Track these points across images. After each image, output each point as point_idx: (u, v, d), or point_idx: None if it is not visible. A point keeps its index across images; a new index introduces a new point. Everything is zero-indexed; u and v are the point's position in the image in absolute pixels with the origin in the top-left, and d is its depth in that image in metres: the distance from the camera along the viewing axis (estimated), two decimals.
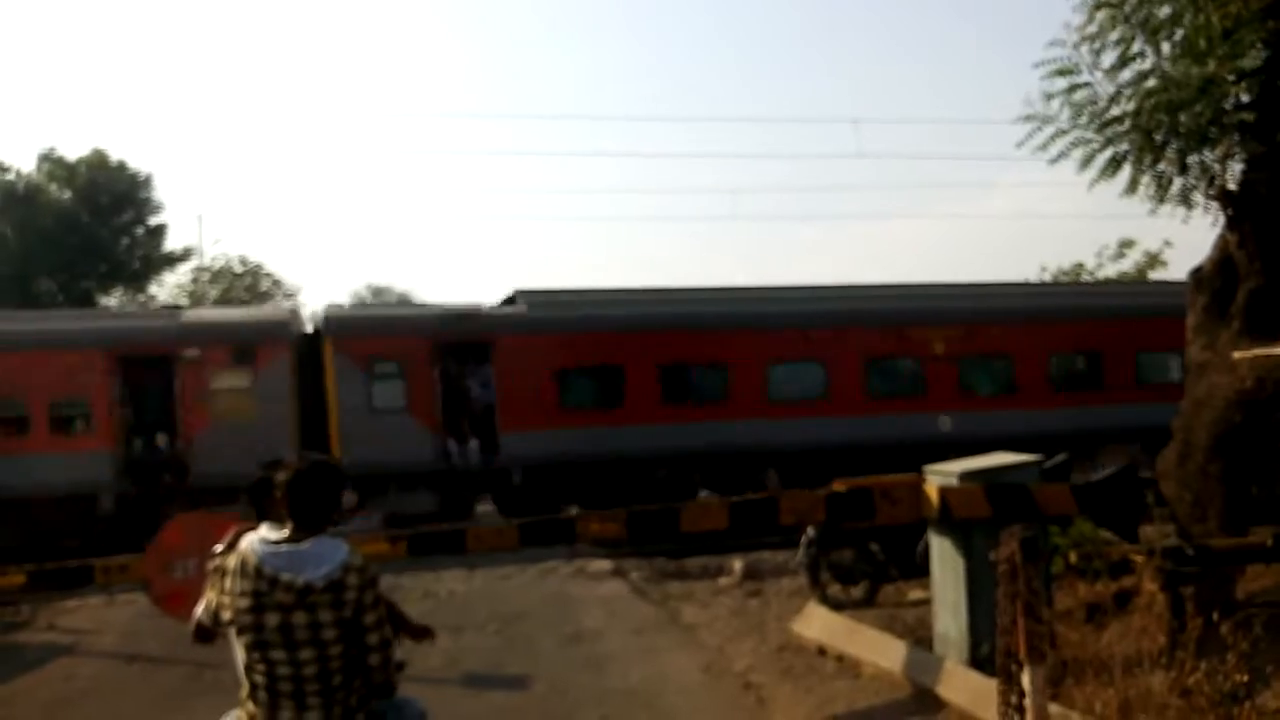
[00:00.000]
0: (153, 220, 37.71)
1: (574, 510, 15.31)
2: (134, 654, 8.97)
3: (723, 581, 11.18)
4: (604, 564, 12.21)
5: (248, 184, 72.81)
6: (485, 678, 7.73)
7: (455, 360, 17.74)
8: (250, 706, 3.37)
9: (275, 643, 3.28)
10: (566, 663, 8.13)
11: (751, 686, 7.15)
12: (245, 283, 41.41)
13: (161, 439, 16.67)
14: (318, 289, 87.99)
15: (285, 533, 3.38)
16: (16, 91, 63.32)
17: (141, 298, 37.87)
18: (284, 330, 17.59)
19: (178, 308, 18.76)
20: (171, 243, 38.51)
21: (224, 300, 38.20)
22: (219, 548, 3.57)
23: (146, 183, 37.27)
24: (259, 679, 3.33)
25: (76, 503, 15.88)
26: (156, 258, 38.10)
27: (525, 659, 8.26)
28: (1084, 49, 7.52)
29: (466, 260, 76.19)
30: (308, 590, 3.28)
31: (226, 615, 3.36)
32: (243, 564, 3.33)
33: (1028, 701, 4.62)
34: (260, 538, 3.39)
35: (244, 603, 3.29)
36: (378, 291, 49.22)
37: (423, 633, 4.01)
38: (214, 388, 16.63)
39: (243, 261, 41.34)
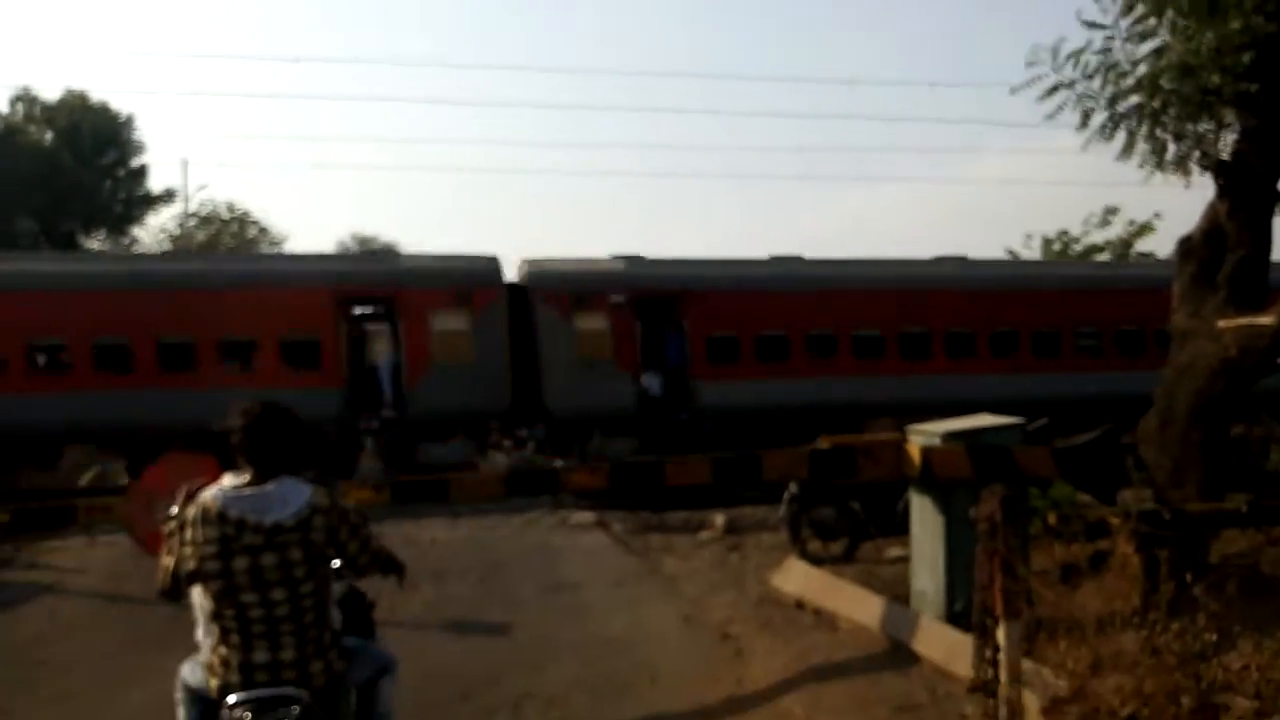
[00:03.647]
0: (135, 162, 37.29)
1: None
2: (116, 594, 8.99)
3: (703, 535, 11.27)
4: (587, 516, 12.28)
5: (233, 129, 71.92)
6: (466, 624, 7.80)
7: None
8: (222, 650, 3.39)
9: (245, 585, 3.31)
10: (547, 611, 8.20)
11: (730, 638, 7.23)
12: (232, 229, 41.08)
13: None
14: (303, 237, 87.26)
15: (246, 478, 3.39)
16: None
17: (125, 241, 37.51)
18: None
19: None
20: (154, 186, 38.14)
21: (210, 246, 37.89)
22: (174, 509, 3.54)
23: (128, 124, 36.77)
24: (230, 623, 3.36)
25: None
26: (139, 200, 37.70)
27: (506, 607, 8.32)
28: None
29: (455, 213, 75.57)
30: (277, 530, 3.31)
31: (190, 566, 3.36)
32: (204, 513, 3.34)
33: (1002, 656, 4.70)
34: (219, 486, 3.40)
35: (210, 549, 3.30)
36: (363, 241, 48.83)
37: (393, 569, 3.94)
38: None
39: (230, 208, 41.01)
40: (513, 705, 6.04)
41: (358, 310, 17.95)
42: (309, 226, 79.02)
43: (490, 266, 18.01)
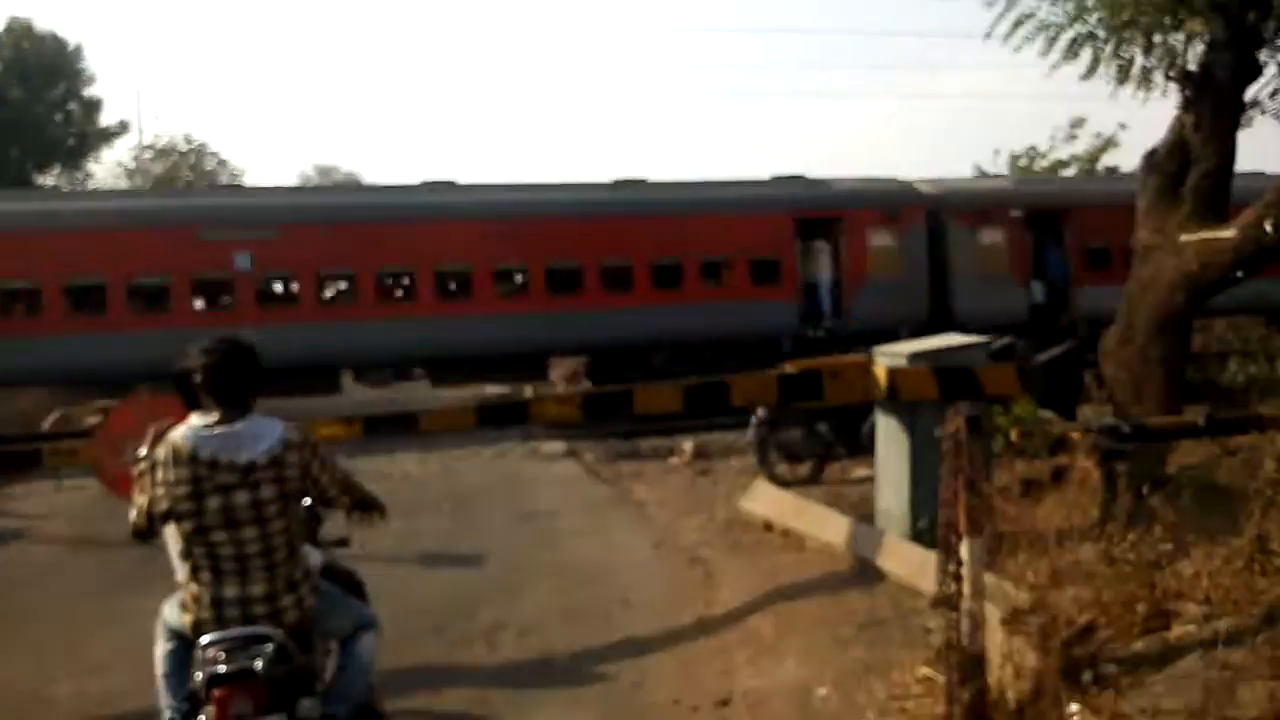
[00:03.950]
0: (86, 93, 36.19)
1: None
2: (86, 538, 8.92)
3: (673, 461, 11.37)
4: (557, 446, 12.34)
5: (186, 58, 69.91)
6: (440, 555, 7.85)
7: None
8: (193, 587, 3.40)
9: (217, 525, 3.31)
10: (520, 540, 8.27)
11: (700, 560, 7.34)
12: (190, 161, 40.21)
13: None
14: (262, 168, 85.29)
15: (215, 417, 3.36)
16: None
17: (79, 175, 36.58)
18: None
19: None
20: (108, 118, 37.08)
21: (168, 179, 37.05)
22: (142, 450, 3.53)
23: (77, 53, 35.58)
24: (201, 561, 3.36)
25: None
26: (93, 133, 36.67)
27: (479, 537, 8.38)
28: None
29: (410, 139, 74.28)
30: (251, 468, 3.30)
31: (163, 506, 3.35)
32: (174, 453, 3.32)
33: (964, 571, 4.77)
34: (188, 426, 3.36)
35: (182, 490, 3.29)
36: (324, 171, 48.10)
37: (373, 506, 3.97)
38: None
39: (187, 139, 40.09)
40: (487, 634, 6.11)
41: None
42: (268, 157, 77.27)
43: (910, 188, 19.70)
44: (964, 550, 4.79)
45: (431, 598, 6.77)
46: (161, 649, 3.59)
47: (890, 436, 7.30)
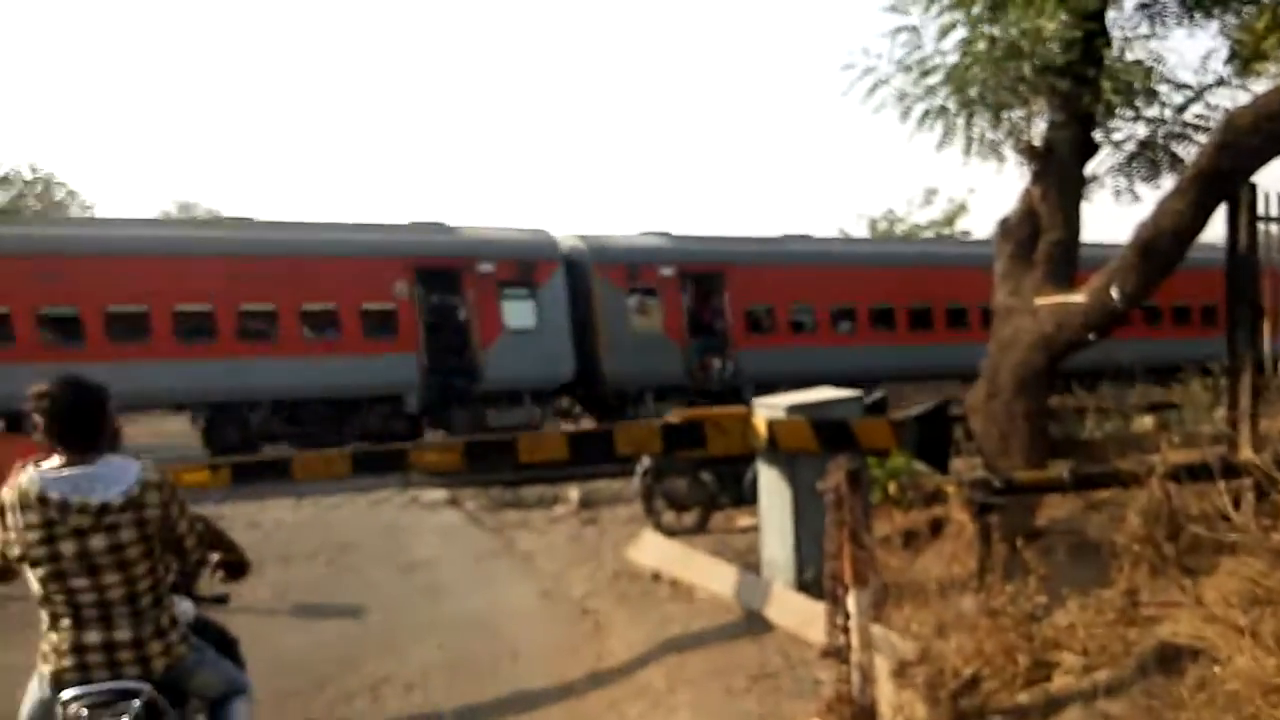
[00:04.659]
0: None
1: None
2: None
3: (559, 510, 11.29)
4: (438, 494, 12.11)
5: (33, 86, 66.47)
6: (317, 608, 7.59)
7: None
8: (53, 636, 3.22)
9: (75, 571, 3.14)
10: (401, 592, 8.06)
11: (589, 612, 7.30)
12: (36, 190, 38.20)
13: None
14: (117, 203, 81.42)
15: (64, 458, 3.21)
16: None
17: None
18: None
19: None
20: None
21: (13, 210, 35.06)
22: (5, 491, 3.34)
23: None
24: (61, 608, 3.19)
25: None
26: None
27: (358, 589, 8.14)
28: None
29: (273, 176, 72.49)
30: (104, 510, 3.15)
31: (15, 552, 3.18)
32: (21, 497, 3.15)
33: (852, 623, 4.91)
34: (36, 468, 3.21)
35: (34, 535, 3.13)
36: (184, 207, 46.32)
37: (239, 566, 3.86)
38: None
39: (33, 169, 38.11)
40: (371, 690, 5.93)
41: None
42: (124, 191, 73.83)
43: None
44: (851, 602, 4.94)
45: (312, 652, 6.54)
46: (26, 706, 3.38)
47: (773, 487, 7.45)
